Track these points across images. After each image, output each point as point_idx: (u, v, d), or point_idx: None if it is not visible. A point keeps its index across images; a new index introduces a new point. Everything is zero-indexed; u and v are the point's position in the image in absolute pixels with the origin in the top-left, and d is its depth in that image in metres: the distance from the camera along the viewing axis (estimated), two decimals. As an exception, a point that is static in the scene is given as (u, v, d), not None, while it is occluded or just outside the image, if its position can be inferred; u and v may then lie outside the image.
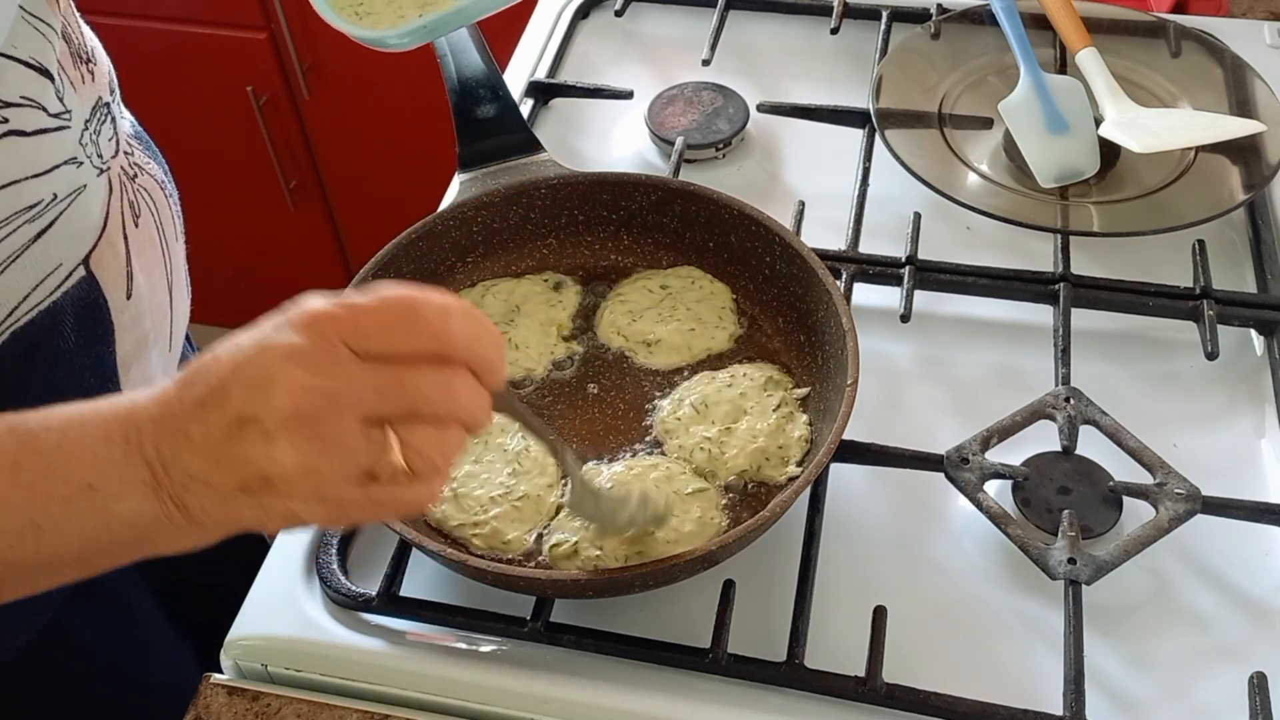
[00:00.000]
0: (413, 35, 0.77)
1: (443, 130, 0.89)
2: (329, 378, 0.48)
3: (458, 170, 0.87)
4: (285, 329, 0.49)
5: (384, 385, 0.48)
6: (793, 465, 0.74)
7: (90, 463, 0.50)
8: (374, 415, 0.49)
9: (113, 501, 0.50)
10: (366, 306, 0.49)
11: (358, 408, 0.48)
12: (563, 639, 0.69)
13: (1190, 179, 0.90)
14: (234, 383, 0.48)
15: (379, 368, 0.48)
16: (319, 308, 0.49)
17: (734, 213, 0.82)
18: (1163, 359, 0.84)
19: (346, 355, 0.48)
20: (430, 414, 0.50)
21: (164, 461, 0.49)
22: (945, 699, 0.65)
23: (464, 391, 0.50)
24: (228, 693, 0.69)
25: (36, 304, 0.67)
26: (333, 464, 0.48)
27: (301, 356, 0.48)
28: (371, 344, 0.48)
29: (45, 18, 0.67)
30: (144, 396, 0.51)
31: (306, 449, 0.47)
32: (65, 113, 0.68)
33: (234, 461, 0.48)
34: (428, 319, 0.49)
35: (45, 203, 0.66)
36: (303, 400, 0.47)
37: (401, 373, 0.49)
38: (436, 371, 0.49)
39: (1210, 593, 0.71)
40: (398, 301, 0.49)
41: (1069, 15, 0.98)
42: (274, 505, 0.49)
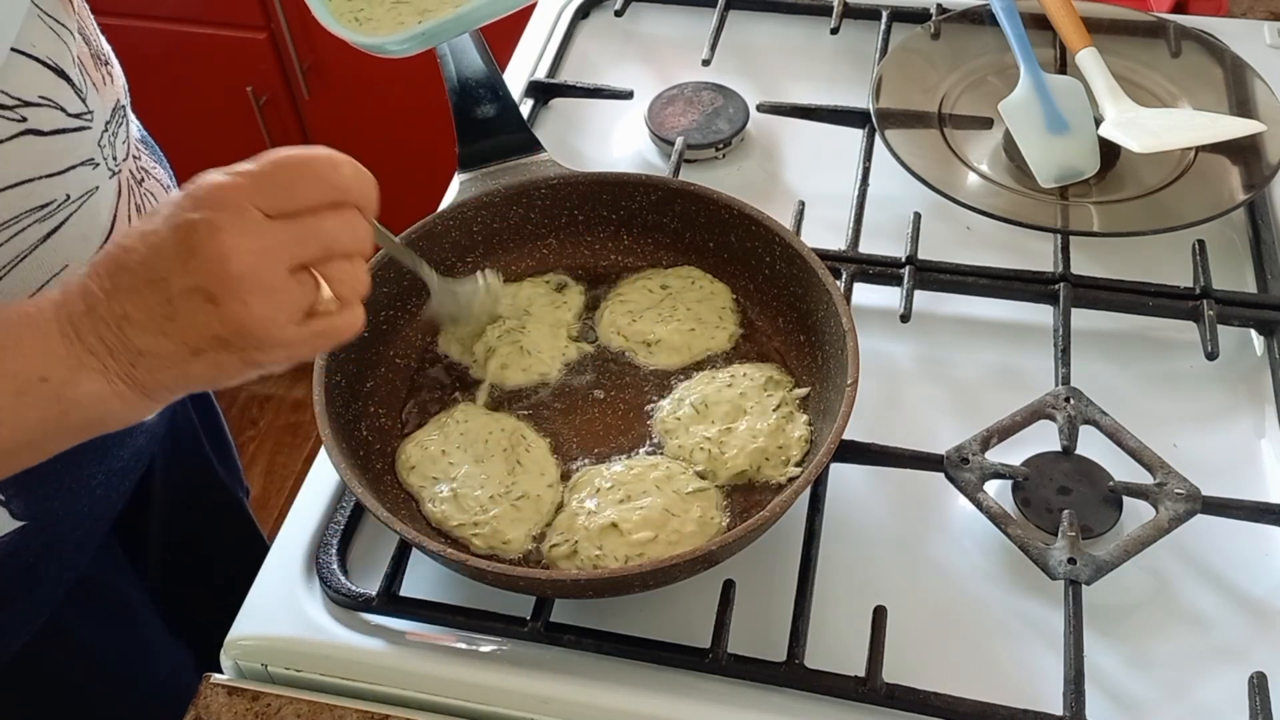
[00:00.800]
0: (412, 42, 0.77)
1: (443, 130, 0.89)
2: (252, 236, 0.53)
3: (458, 170, 0.87)
4: (199, 205, 0.53)
5: (302, 235, 0.55)
6: (792, 465, 0.74)
7: (36, 359, 0.55)
8: (297, 262, 0.55)
9: (65, 389, 0.55)
10: (265, 172, 0.55)
11: (284, 258, 0.54)
12: (563, 639, 0.69)
13: (1190, 179, 0.90)
14: (164, 261, 0.53)
15: (292, 222, 0.55)
16: (222, 180, 0.54)
17: (734, 213, 0.82)
18: (1163, 359, 0.84)
19: (260, 217, 0.54)
20: (341, 251, 0.57)
21: (109, 347, 0.55)
22: (945, 699, 0.65)
23: (360, 227, 0.58)
24: (228, 693, 0.69)
25: None
26: (278, 309, 0.54)
27: (223, 225, 0.53)
28: (279, 203, 0.54)
29: (61, 18, 0.67)
30: (63, 293, 0.56)
31: (252, 301, 0.53)
32: (87, 113, 0.68)
33: (183, 330, 0.54)
34: (321, 173, 0.56)
35: (58, 203, 0.66)
36: (236, 261, 0.53)
37: (312, 222, 0.55)
38: (338, 216, 0.56)
39: (1210, 593, 0.71)
40: (291, 162, 0.55)
41: (1069, 15, 0.98)
42: (227, 360, 0.55)
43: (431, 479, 0.74)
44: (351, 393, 0.77)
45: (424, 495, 0.74)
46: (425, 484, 0.74)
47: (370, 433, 0.77)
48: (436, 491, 0.74)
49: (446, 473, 0.74)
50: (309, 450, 2.18)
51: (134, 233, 0.55)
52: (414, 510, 0.74)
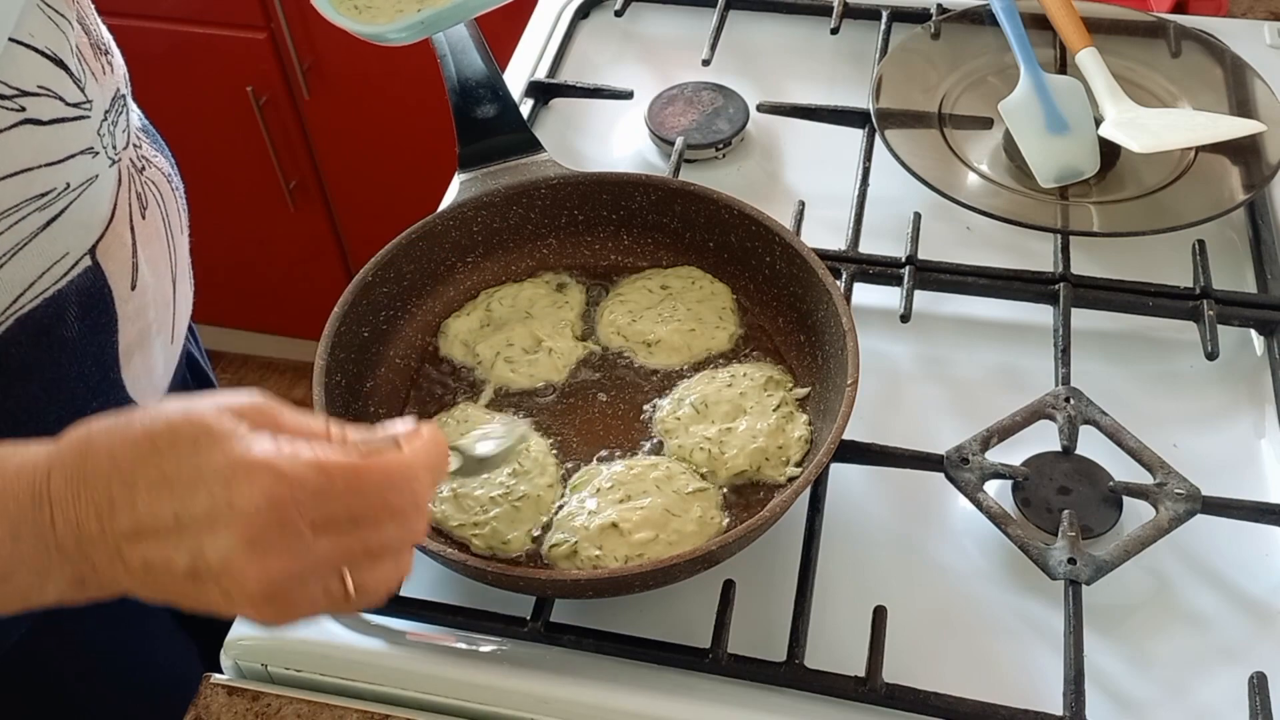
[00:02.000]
0: (412, 30, 0.77)
1: (443, 130, 0.89)
2: (293, 559, 0.48)
3: (458, 170, 0.87)
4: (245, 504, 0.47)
5: (349, 553, 0.49)
6: (792, 465, 0.74)
7: (2, 557, 0.49)
8: (334, 572, 0.50)
9: (30, 592, 0.50)
10: (335, 491, 0.48)
11: (320, 578, 0.49)
12: (563, 639, 0.69)
13: (1190, 179, 0.90)
14: (187, 549, 0.48)
15: (344, 538, 0.49)
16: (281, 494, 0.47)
17: (734, 213, 0.82)
18: (1163, 359, 0.84)
19: (310, 532, 0.48)
20: (390, 552, 0.51)
21: (94, 566, 0.49)
22: (945, 699, 0.65)
23: (419, 525, 0.52)
24: (228, 693, 0.69)
25: (41, 292, 0.68)
26: (294, 611, 0.50)
27: (264, 541, 0.47)
28: (339, 520, 0.49)
29: (60, 8, 0.67)
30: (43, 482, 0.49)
31: (265, 611, 0.49)
32: (86, 103, 0.68)
33: (181, 596, 0.49)
34: (399, 496, 0.50)
35: (57, 191, 0.66)
36: (268, 585, 0.47)
37: (365, 537, 0.50)
38: (400, 528, 0.51)
39: (1210, 593, 0.71)
40: (370, 483, 0.49)
41: (1069, 15, 0.98)
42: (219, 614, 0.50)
43: None
44: (351, 393, 0.77)
45: None
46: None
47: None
48: (436, 491, 0.74)
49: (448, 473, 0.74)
50: (309, 450, 2.18)
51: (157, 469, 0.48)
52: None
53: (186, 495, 0.47)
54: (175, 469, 0.48)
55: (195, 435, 0.48)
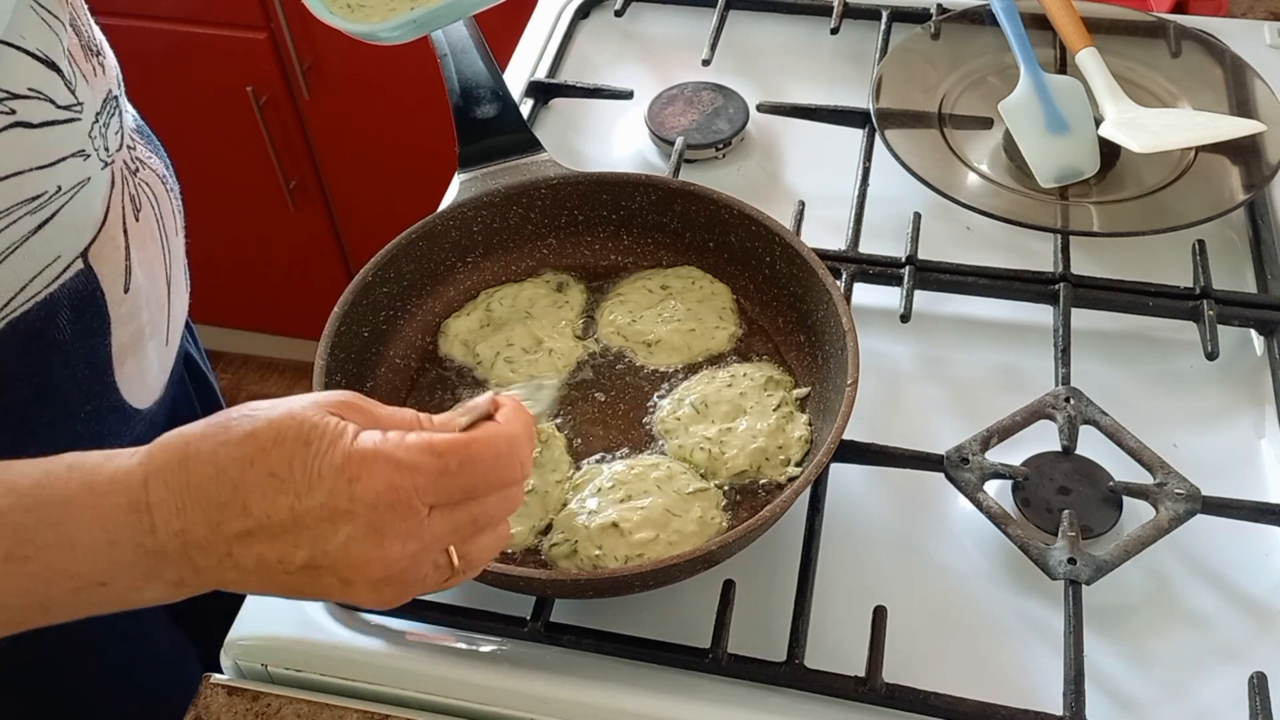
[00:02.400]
0: (405, 28, 0.77)
1: (443, 130, 0.89)
2: (413, 540, 0.50)
3: (458, 170, 0.87)
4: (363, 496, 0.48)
5: (460, 524, 0.52)
6: (792, 465, 0.74)
7: (99, 564, 0.49)
8: (444, 549, 0.52)
9: (130, 594, 0.51)
10: (450, 471, 0.50)
11: (434, 555, 0.51)
12: (563, 639, 0.69)
13: (1190, 179, 0.90)
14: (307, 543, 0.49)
15: (456, 513, 0.51)
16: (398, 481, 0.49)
17: (734, 213, 0.82)
18: (1163, 359, 0.84)
19: (426, 514, 0.50)
20: (495, 522, 0.54)
21: (197, 569, 0.50)
22: (945, 699, 0.65)
23: (517, 497, 0.54)
24: (228, 693, 0.69)
25: (33, 295, 0.67)
26: (402, 595, 0.52)
27: (387, 529, 0.49)
28: (453, 498, 0.51)
29: (53, 9, 0.67)
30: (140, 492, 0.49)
31: (384, 592, 0.51)
32: (76, 105, 0.68)
33: (292, 588, 0.50)
34: (508, 466, 0.52)
35: (49, 194, 0.66)
36: (388, 569, 0.49)
37: (473, 510, 0.52)
38: (503, 498, 0.53)
39: (1210, 593, 0.71)
40: (481, 459, 0.51)
41: (1069, 15, 0.98)
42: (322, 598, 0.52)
43: None
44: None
45: None
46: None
47: (370, 433, 0.77)
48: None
49: None
50: (309, 450, 2.18)
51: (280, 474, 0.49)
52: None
53: (303, 492, 0.48)
54: (287, 468, 0.49)
55: (303, 433, 0.49)
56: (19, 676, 0.78)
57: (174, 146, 0.89)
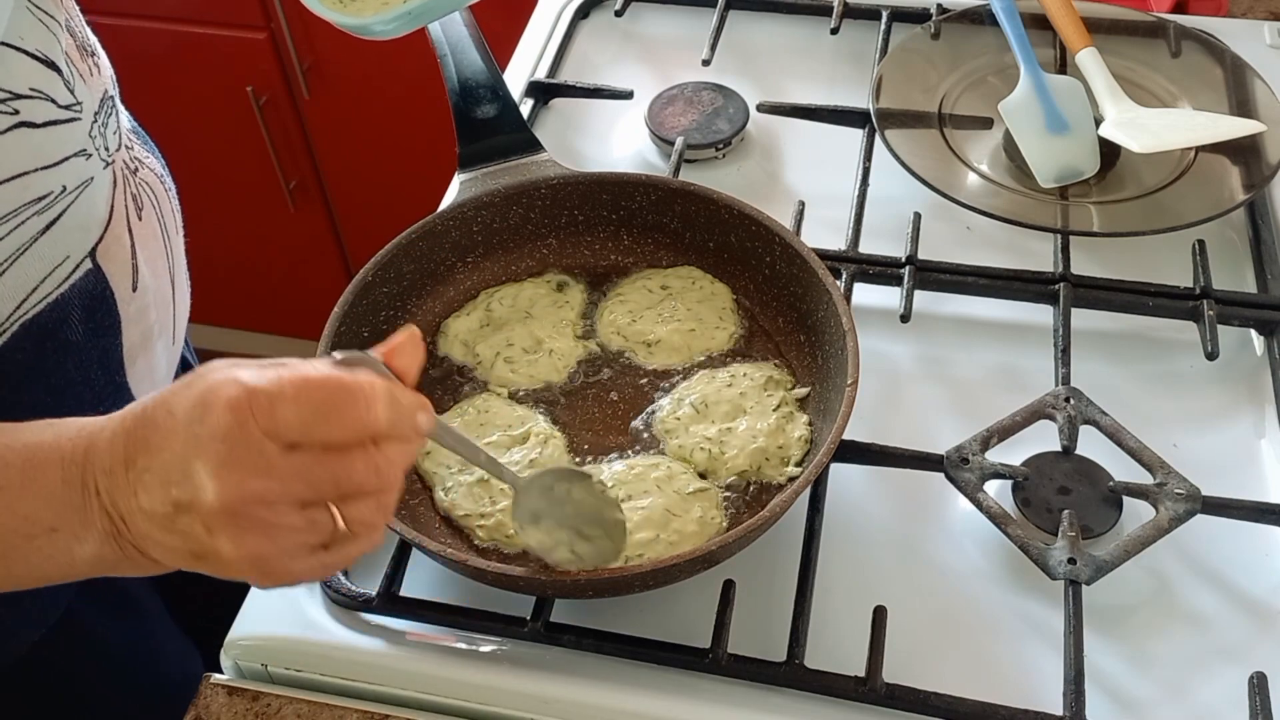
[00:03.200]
0: (398, 21, 0.77)
1: (443, 130, 0.89)
2: (257, 476, 0.49)
3: (458, 170, 0.87)
4: (208, 418, 0.49)
5: (314, 478, 0.50)
6: (792, 465, 0.74)
7: (53, 506, 0.52)
8: (309, 501, 0.50)
9: (74, 543, 0.52)
10: (285, 396, 0.49)
11: (290, 499, 0.50)
12: (563, 639, 0.69)
13: (1190, 179, 0.90)
14: (170, 465, 0.49)
15: (308, 460, 0.50)
16: (237, 397, 0.49)
17: (734, 213, 0.82)
18: (1163, 359, 0.84)
19: (273, 450, 0.49)
20: (362, 492, 0.52)
21: (121, 516, 0.51)
22: (945, 699, 0.65)
23: (393, 465, 0.52)
24: (228, 693, 0.69)
25: (45, 296, 0.68)
26: (275, 549, 0.50)
27: (228, 457, 0.48)
28: (294, 436, 0.49)
29: (49, 10, 0.67)
30: (100, 441, 0.52)
31: (246, 540, 0.49)
32: (76, 104, 0.68)
33: (182, 535, 0.50)
34: (353, 411, 0.50)
35: (54, 195, 0.66)
36: (234, 499, 0.48)
37: (330, 463, 0.50)
38: (364, 456, 0.51)
39: (1210, 593, 0.71)
40: (323, 392, 0.50)
41: (1069, 15, 0.98)
42: (227, 573, 0.52)
43: (445, 466, 0.75)
44: (351, 393, 0.77)
45: (436, 482, 0.74)
46: (439, 470, 0.75)
47: (370, 433, 0.77)
48: (449, 479, 0.74)
49: (462, 461, 0.75)
50: (309, 450, 2.18)
51: (163, 408, 0.51)
52: (426, 496, 0.74)
53: (180, 426, 0.49)
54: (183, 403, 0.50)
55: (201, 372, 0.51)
56: (19, 676, 0.78)
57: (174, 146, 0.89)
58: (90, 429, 0.53)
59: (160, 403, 0.51)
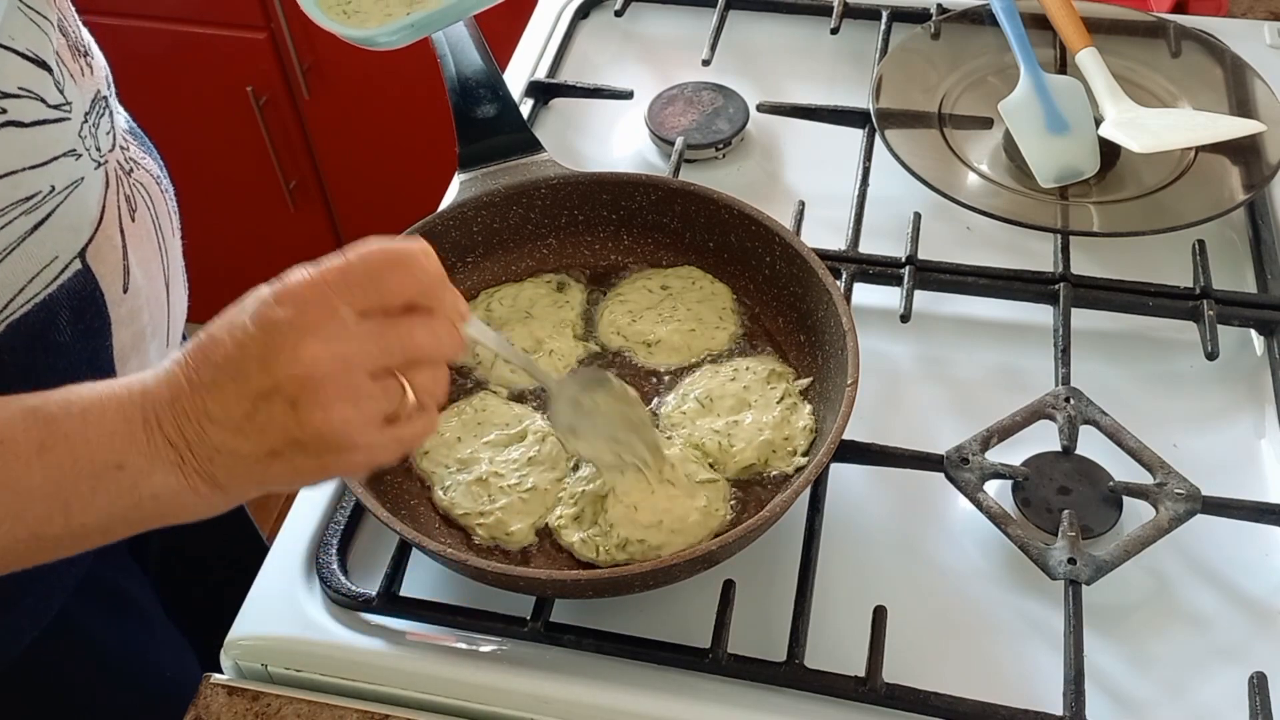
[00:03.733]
0: (402, 33, 0.77)
1: (443, 130, 0.89)
2: (338, 341, 0.52)
3: (458, 170, 0.87)
4: (285, 302, 0.53)
5: (388, 340, 0.54)
6: (799, 455, 0.74)
7: (116, 445, 0.53)
8: (381, 366, 0.54)
9: (141, 479, 0.53)
10: (353, 267, 0.54)
11: (367, 364, 0.53)
12: (563, 639, 0.69)
13: (1190, 179, 0.90)
14: (247, 360, 0.52)
15: (380, 327, 0.54)
16: (310, 277, 0.53)
17: (734, 213, 0.82)
18: (1163, 359, 0.84)
19: (347, 315, 0.53)
20: (425, 358, 0.56)
21: (188, 441, 0.53)
22: (945, 699, 0.65)
23: (445, 334, 0.57)
24: (228, 693, 0.69)
25: (32, 296, 0.67)
26: (357, 415, 0.53)
27: (308, 326, 0.52)
28: (368, 300, 0.53)
29: (42, 10, 0.67)
30: (153, 379, 0.55)
31: (331, 407, 0.52)
32: (65, 104, 0.68)
33: (262, 431, 0.53)
34: (411, 268, 0.55)
35: (43, 194, 0.66)
36: (319, 367, 0.52)
37: (399, 328, 0.54)
38: (425, 323, 0.55)
39: (1210, 593, 0.71)
40: (380, 257, 0.55)
41: (1069, 15, 0.98)
42: (305, 464, 0.54)
43: (443, 465, 0.75)
44: (351, 393, 0.77)
45: (435, 481, 0.74)
46: (437, 469, 0.75)
47: (370, 433, 0.77)
48: (447, 478, 0.74)
49: (460, 460, 0.75)
50: (309, 450, 2.18)
51: (223, 324, 0.54)
52: (425, 495, 0.74)
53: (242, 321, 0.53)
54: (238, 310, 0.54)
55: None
56: (18, 678, 0.78)
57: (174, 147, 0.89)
58: (140, 377, 0.55)
59: (214, 326, 0.54)
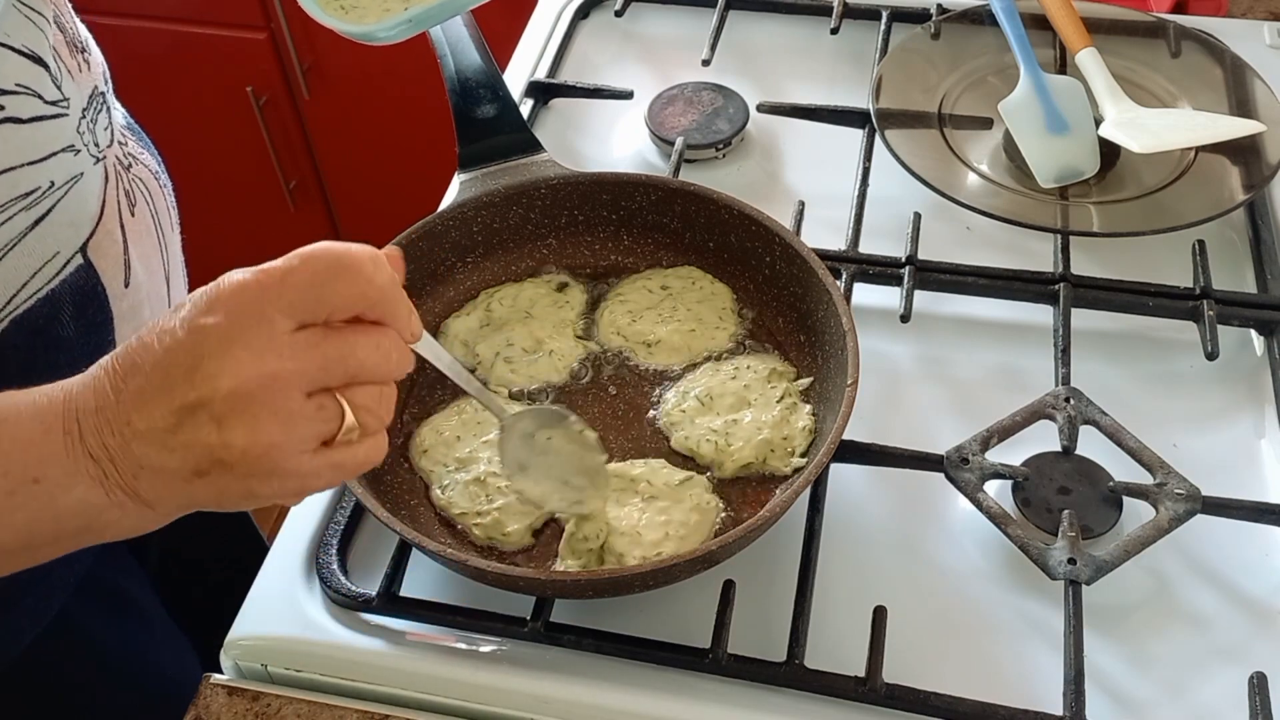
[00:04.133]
0: (400, 28, 0.77)
1: (443, 130, 0.89)
2: (270, 355, 0.48)
3: (458, 170, 0.87)
4: (216, 308, 0.49)
5: (327, 356, 0.50)
6: (798, 456, 0.74)
7: (33, 456, 0.50)
8: (319, 386, 0.50)
9: (59, 493, 0.50)
10: (293, 271, 0.50)
11: (303, 383, 0.49)
12: (563, 639, 0.69)
13: (1190, 179, 0.90)
14: (174, 370, 0.49)
15: (319, 342, 0.50)
16: (245, 280, 0.50)
17: (734, 213, 0.82)
18: (1163, 359, 0.84)
19: (283, 329, 0.49)
20: (369, 378, 0.52)
21: (110, 454, 0.50)
22: (945, 699, 0.65)
23: (394, 351, 0.53)
24: (228, 693, 0.69)
25: (35, 292, 0.68)
26: (287, 438, 0.49)
27: (236, 335, 0.48)
28: (306, 310, 0.49)
29: (38, 6, 0.67)
30: (78, 385, 0.51)
31: (258, 428, 0.48)
32: (63, 100, 0.68)
33: (185, 447, 0.49)
34: (356, 274, 0.50)
35: (42, 190, 0.66)
36: (247, 382, 0.48)
37: (341, 343, 0.50)
38: (370, 338, 0.51)
39: (1210, 593, 0.71)
40: (323, 261, 0.50)
41: (1069, 15, 0.98)
42: (230, 486, 0.50)
43: (442, 464, 0.75)
44: (351, 393, 0.77)
45: (433, 480, 0.75)
46: (436, 468, 0.75)
47: (370, 433, 0.77)
48: (445, 477, 0.74)
49: (459, 459, 0.75)
50: (309, 450, 2.18)
51: (154, 330, 0.50)
52: (424, 495, 0.75)
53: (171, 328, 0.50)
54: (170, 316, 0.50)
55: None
56: (18, 678, 0.78)
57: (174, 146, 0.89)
58: (66, 383, 0.52)
59: (146, 332, 0.51)
